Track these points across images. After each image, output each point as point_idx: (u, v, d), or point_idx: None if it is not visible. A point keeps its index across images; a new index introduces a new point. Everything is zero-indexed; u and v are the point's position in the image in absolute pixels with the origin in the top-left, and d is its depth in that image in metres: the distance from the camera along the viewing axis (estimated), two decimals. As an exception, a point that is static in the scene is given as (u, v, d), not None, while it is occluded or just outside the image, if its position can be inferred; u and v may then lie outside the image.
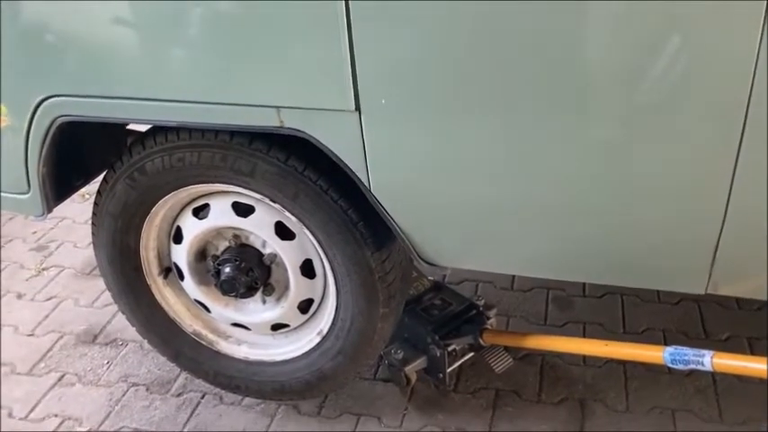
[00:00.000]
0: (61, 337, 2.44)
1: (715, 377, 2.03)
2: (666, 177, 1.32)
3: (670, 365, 1.53)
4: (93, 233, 1.89)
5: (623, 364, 2.09)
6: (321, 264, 1.74)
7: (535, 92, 1.30)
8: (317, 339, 1.85)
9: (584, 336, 2.24)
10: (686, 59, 1.21)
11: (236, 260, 1.76)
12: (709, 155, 1.28)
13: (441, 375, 1.96)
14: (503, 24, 1.25)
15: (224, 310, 1.91)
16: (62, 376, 2.26)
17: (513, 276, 2.51)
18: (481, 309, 2.01)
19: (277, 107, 1.44)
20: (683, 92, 1.23)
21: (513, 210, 1.47)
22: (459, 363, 2.00)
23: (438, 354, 1.93)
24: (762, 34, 1.13)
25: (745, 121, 1.21)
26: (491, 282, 2.50)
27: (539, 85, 1.29)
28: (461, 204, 1.49)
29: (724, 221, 1.32)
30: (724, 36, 1.17)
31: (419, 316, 2.01)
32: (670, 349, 1.52)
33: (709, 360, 1.48)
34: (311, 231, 1.66)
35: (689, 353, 1.50)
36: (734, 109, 1.21)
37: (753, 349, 2.15)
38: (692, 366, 1.52)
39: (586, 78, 1.29)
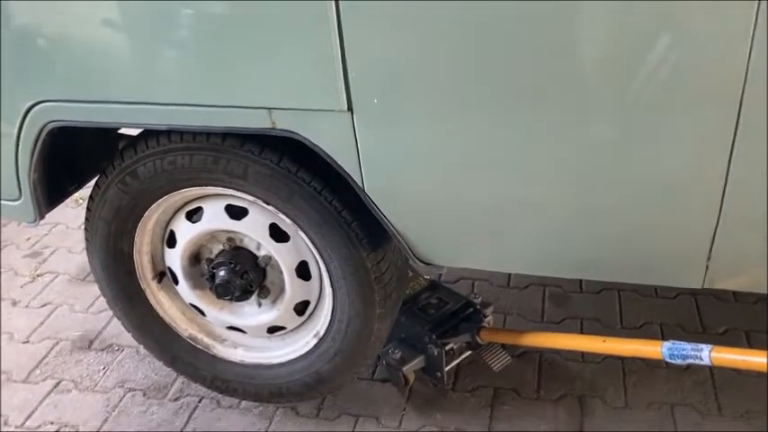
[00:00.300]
0: (57, 343, 2.42)
1: (713, 371, 2.03)
2: (661, 173, 1.32)
3: (668, 360, 1.52)
4: (86, 239, 1.87)
5: (621, 359, 2.09)
6: (316, 265, 1.73)
7: (528, 90, 1.30)
8: (314, 341, 1.84)
9: (581, 332, 2.23)
10: (680, 55, 1.20)
11: (231, 263, 1.75)
12: (704, 150, 1.27)
13: (439, 374, 1.95)
14: (495, 22, 1.24)
15: (219, 314, 1.89)
16: (58, 383, 2.24)
17: (510, 274, 2.50)
18: (478, 307, 2.01)
19: (268, 108, 1.43)
20: (677, 88, 1.23)
21: (509, 208, 1.46)
22: (457, 361, 1.99)
23: (436, 353, 1.92)
24: (753, 30, 1.13)
25: (738, 115, 1.20)
26: (487, 279, 2.50)
27: (532, 83, 1.29)
28: (456, 203, 1.48)
29: (720, 216, 1.32)
30: (717, 32, 1.16)
31: (416, 315, 2.00)
32: (668, 344, 1.52)
33: (708, 354, 1.48)
34: (306, 233, 1.65)
35: (687, 347, 1.50)
36: (728, 103, 1.20)
37: (750, 342, 2.15)
38: (691, 361, 1.51)
39: (581, 77, 1.28)
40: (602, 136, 1.32)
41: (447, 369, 1.95)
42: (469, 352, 2.00)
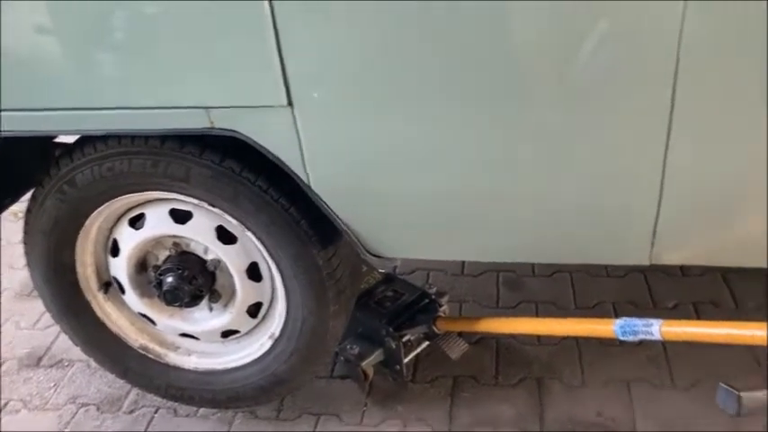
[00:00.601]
0: (3, 362, 2.33)
1: (665, 345, 2.07)
2: (602, 155, 1.33)
3: (621, 338, 1.55)
4: (25, 252, 1.81)
5: (576, 340, 2.11)
6: (267, 266, 1.70)
7: (467, 81, 1.29)
8: (270, 343, 1.82)
9: (536, 315, 2.25)
10: (616, 42, 1.21)
11: (178, 269, 1.71)
12: (642, 130, 1.29)
13: (398, 367, 1.95)
14: (430, 14, 1.23)
15: (170, 321, 1.85)
16: (6, 403, 2.16)
17: (464, 262, 2.51)
18: (433, 297, 2.00)
19: (206, 107, 1.40)
20: (613, 73, 1.24)
21: (456, 197, 1.45)
22: (416, 353, 1.99)
23: (394, 346, 1.91)
24: (684, 9, 1.15)
25: (673, 94, 1.22)
26: (442, 269, 2.50)
27: (473, 73, 1.28)
28: (404, 195, 1.47)
29: (661, 193, 1.34)
30: (648, 15, 1.18)
31: (372, 309, 1.98)
32: (620, 322, 1.54)
33: (658, 329, 1.50)
34: (254, 233, 1.62)
35: (638, 324, 1.52)
36: (663, 78, 1.21)
37: (699, 314, 2.20)
38: (642, 336, 1.53)
39: (521, 65, 1.28)
40: (544, 123, 1.32)
41: (406, 361, 1.94)
42: (427, 342, 1.99)
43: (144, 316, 1.87)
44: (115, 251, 1.78)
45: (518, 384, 2.02)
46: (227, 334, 1.84)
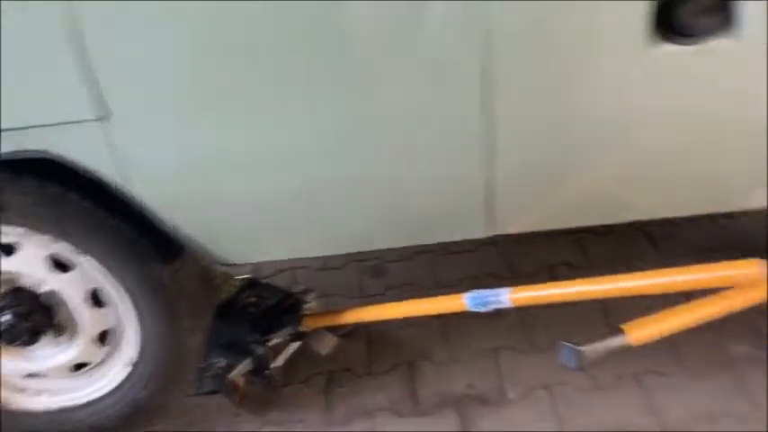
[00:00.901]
0: None
1: (525, 311, 2.14)
2: (427, 132, 1.35)
3: (474, 309, 1.59)
4: None
5: (443, 318, 2.15)
6: (111, 290, 1.61)
7: (287, 77, 1.27)
8: (127, 369, 1.72)
9: (401, 299, 2.27)
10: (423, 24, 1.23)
11: (11, 307, 1.57)
12: (464, 104, 1.31)
13: (268, 373, 1.90)
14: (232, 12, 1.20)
15: (11, 363, 1.71)
16: None
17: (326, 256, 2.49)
18: (299, 296, 1.98)
19: (11, 129, 1.29)
20: (428, 40, 1.25)
21: (293, 195, 1.43)
22: (287, 355, 1.95)
23: (261, 352, 1.87)
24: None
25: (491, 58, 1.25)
26: (306, 266, 2.47)
27: (290, 70, 1.27)
28: (238, 199, 1.43)
29: (492, 164, 1.37)
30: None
31: (235, 318, 1.92)
32: (470, 294, 1.58)
33: (507, 297, 1.56)
34: (91, 257, 1.53)
35: (487, 294, 1.57)
36: (480, 49, 1.24)
37: (557, 277, 2.29)
38: (494, 306, 1.58)
39: (341, 51, 1.27)
40: (369, 109, 1.33)
41: (277, 365, 1.90)
42: (297, 342, 1.96)
43: (-20, 362, 1.72)
44: (-65, 297, 1.62)
45: (390, 370, 2.04)
46: (78, 367, 1.73)
